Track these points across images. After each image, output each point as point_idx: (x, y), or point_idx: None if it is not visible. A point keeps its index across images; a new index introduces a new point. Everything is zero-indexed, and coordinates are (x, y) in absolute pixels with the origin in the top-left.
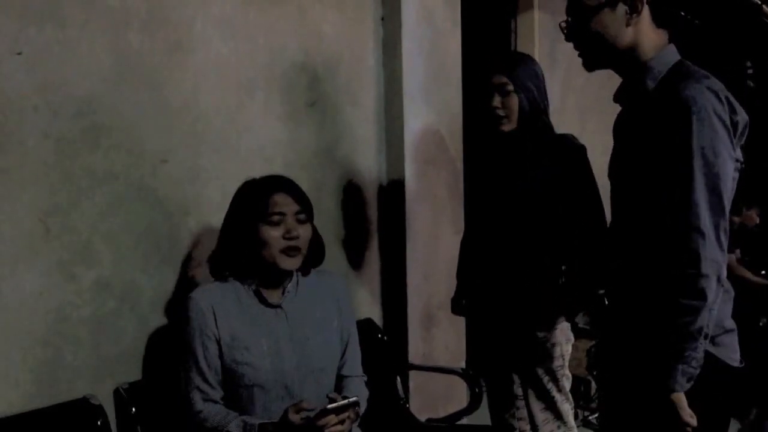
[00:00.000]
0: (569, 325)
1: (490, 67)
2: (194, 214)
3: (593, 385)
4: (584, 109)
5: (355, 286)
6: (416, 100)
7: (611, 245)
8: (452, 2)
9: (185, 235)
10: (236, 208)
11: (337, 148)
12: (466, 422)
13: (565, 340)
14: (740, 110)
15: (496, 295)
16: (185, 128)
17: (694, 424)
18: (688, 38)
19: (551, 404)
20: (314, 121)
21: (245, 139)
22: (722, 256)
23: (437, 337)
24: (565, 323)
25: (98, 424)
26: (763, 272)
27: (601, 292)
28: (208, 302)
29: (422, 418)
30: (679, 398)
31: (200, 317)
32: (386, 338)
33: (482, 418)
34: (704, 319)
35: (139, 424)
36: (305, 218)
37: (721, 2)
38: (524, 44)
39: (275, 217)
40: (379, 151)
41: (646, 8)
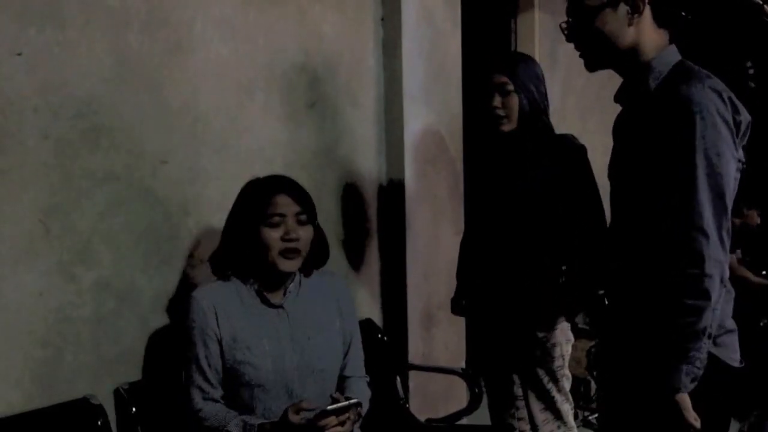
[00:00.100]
0: (569, 325)
1: (490, 66)
2: (194, 214)
3: (593, 385)
4: (585, 109)
5: (355, 286)
6: (416, 100)
7: (611, 245)
8: (452, 2)
9: (185, 235)
10: (238, 208)
11: (337, 148)
12: (465, 422)
13: (565, 340)
14: (743, 110)
15: (496, 295)
16: (185, 129)
17: (698, 426)
18: (688, 38)
19: (551, 404)
20: (314, 121)
21: (245, 139)
22: (725, 256)
23: (437, 337)
24: (565, 323)
25: (98, 424)
26: (763, 272)
27: (601, 292)
28: (209, 301)
29: (422, 418)
30: (683, 399)
31: (202, 316)
32: (386, 338)
33: (482, 418)
34: (708, 319)
35: (139, 424)
36: (306, 219)
37: (722, 2)
38: (524, 44)
39: (275, 218)
40: (379, 151)
41: (647, 8)
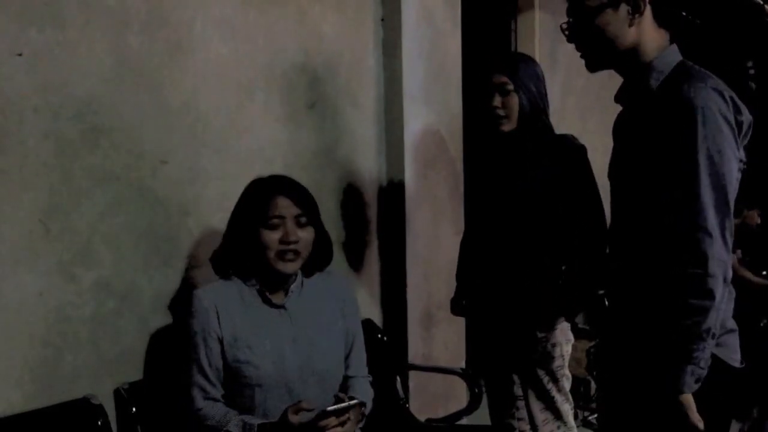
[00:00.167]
0: (569, 325)
1: (490, 66)
2: (194, 214)
3: (593, 385)
4: (585, 109)
5: (355, 286)
6: (416, 100)
7: (612, 245)
8: (452, 3)
9: (185, 235)
10: (240, 208)
11: (337, 148)
12: (465, 422)
13: (565, 340)
14: (744, 110)
15: (496, 295)
16: (185, 129)
17: (701, 427)
18: (689, 39)
19: (551, 404)
20: (314, 121)
21: (245, 139)
22: (728, 255)
23: (437, 337)
24: (565, 323)
25: (98, 424)
26: (764, 273)
27: (601, 292)
28: (211, 301)
29: (422, 418)
30: (687, 400)
31: (203, 315)
32: (386, 338)
33: (482, 418)
34: (712, 319)
35: (139, 424)
36: (306, 221)
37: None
38: (524, 45)
39: (274, 220)
40: (379, 151)
41: (648, 8)
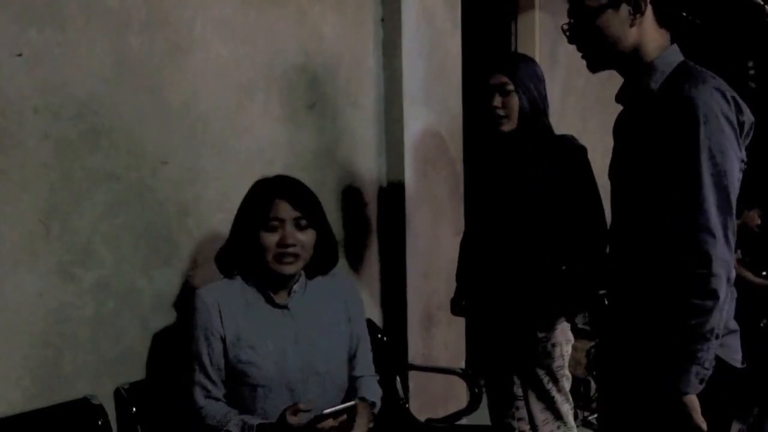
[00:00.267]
0: (569, 325)
1: (490, 66)
2: (194, 214)
3: (593, 385)
4: (585, 109)
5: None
6: (416, 101)
7: (612, 245)
8: (452, 3)
9: (185, 235)
10: (243, 208)
11: (337, 149)
12: (465, 422)
13: (565, 340)
14: (746, 110)
15: (496, 295)
16: (185, 129)
17: (705, 428)
18: (689, 39)
19: (551, 404)
20: (314, 122)
21: (245, 140)
22: (731, 255)
23: (437, 337)
24: (565, 324)
25: (99, 424)
26: (764, 273)
27: (601, 292)
28: (214, 300)
29: (422, 418)
30: (691, 400)
31: (206, 315)
32: (386, 338)
33: (482, 418)
34: (716, 319)
35: (139, 423)
36: (306, 224)
37: (723, 3)
38: (525, 45)
39: (273, 222)
40: (379, 152)
41: (649, 8)
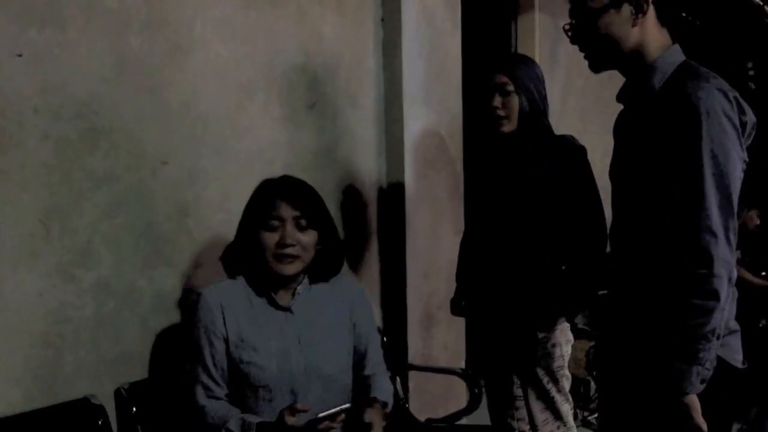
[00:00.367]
0: (569, 325)
1: (490, 67)
2: (194, 215)
3: (592, 385)
4: (584, 110)
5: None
6: (416, 101)
7: (613, 245)
8: (452, 3)
9: (185, 236)
10: (247, 208)
11: (337, 149)
12: (465, 422)
13: (565, 340)
14: (748, 110)
15: (496, 295)
16: (185, 130)
17: (705, 428)
18: (689, 39)
19: (551, 404)
20: (314, 122)
21: (245, 140)
22: (732, 256)
23: (437, 337)
24: (565, 324)
25: (99, 423)
26: (763, 273)
27: (601, 292)
28: (217, 300)
29: (422, 418)
30: (692, 401)
31: (209, 315)
32: (386, 338)
33: (482, 418)
34: (717, 319)
35: (139, 423)
36: (307, 224)
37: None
38: (524, 45)
39: (273, 222)
40: (379, 152)
41: (651, 8)
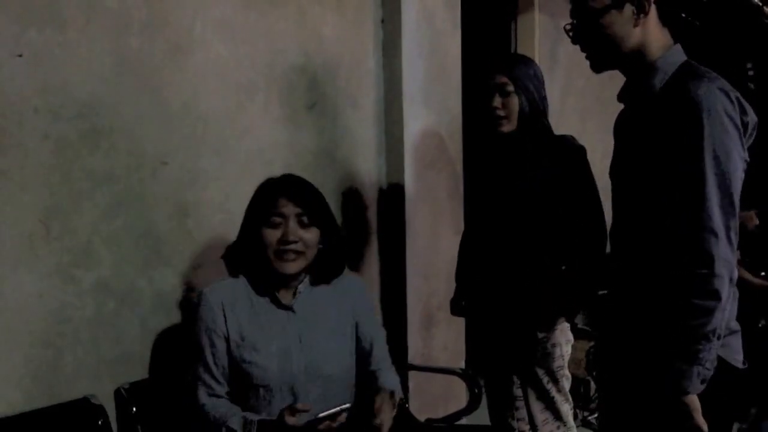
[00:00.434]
0: (569, 325)
1: (490, 67)
2: (194, 215)
3: (592, 385)
4: (584, 110)
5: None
6: (416, 101)
7: (614, 245)
8: (452, 4)
9: (185, 236)
10: (250, 207)
11: (336, 150)
12: (465, 422)
13: (564, 340)
14: (750, 111)
15: (496, 295)
16: (185, 130)
17: (705, 429)
18: (688, 39)
19: (551, 404)
20: (314, 123)
21: (245, 141)
22: (733, 256)
23: (437, 337)
24: (565, 324)
25: (99, 424)
26: (762, 273)
27: (601, 292)
28: (218, 299)
29: (421, 418)
30: (692, 401)
31: (210, 314)
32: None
33: (482, 418)
34: (718, 319)
35: (139, 424)
36: (309, 222)
37: (721, 4)
38: (524, 46)
39: (275, 219)
40: (378, 153)
41: (652, 8)
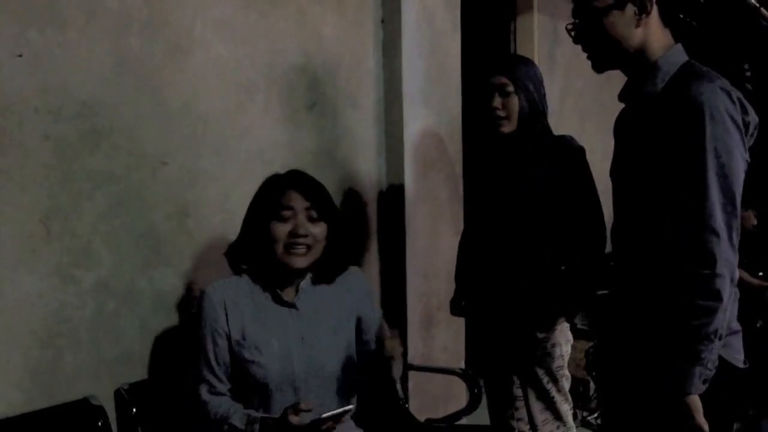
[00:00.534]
0: (569, 325)
1: (490, 68)
2: (194, 215)
3: (592, 385)
4: (583, 111)
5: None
6: (416, 102)
7: (615, 245)
8: (452, 4)
9: (185, 236)
10: (254, 203)
11: (336, 150)
12: (465, 422)
13: (564, 340)
14: (751, 111)
15: (495, 295)
16: (185, 130)
17: (707, 429)
18: (686, 40)
19: (551, 404)
20: (314, 123)
21: (245, 141)
22: (735, 256)
23: (436, 337)
24: (564, 324)
25: (99, 424)
26: (760, 273)
27: (600, 292)
28: (220, 298)
29: (421, 418)
30: (694, 401)
31: (212, 312)
32: None
33: (481, 418)
34: (719, 320)
35: (139, 424)
36: (318, 216)
37: (719, 4)
38: (523, 46)
39: (285, 212)
40: (378, 153)
41: (654, 8)
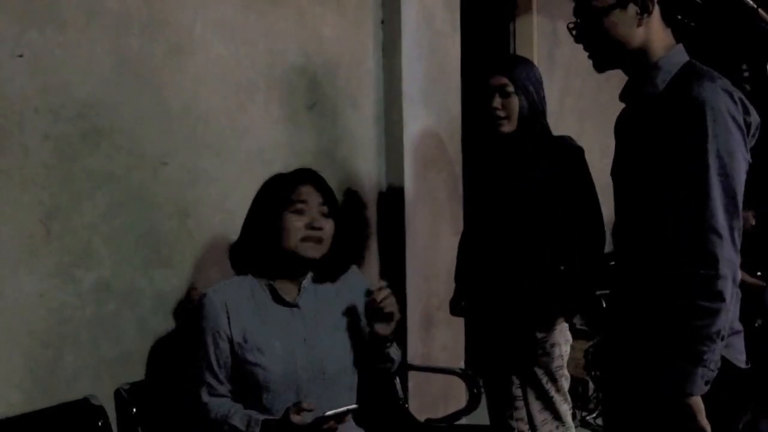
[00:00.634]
0: (568, 325)
1: (490, 68)
2: (194, 216)
3: (591, 385)
4: (582, 111)
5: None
6: (416, 102)
7: (616, 245)
8: (452, 5)
9: (185, 236)
10: (261, 198)
11: (336, 150)
12: (465, 422)
13: (563, 340)
14: (753, 111)
15: (495, 295)
16: (185, 130)
17: (708, 430)
18: (685, 41)
19: (550, 404)
20: (314, 123)
21: (245, 141)
22: (737, 256)
23: (436, 337)
24: (564, 324)
25: (99, 424)
26: (759, 273)
27: (599, 292)
28: (221, 300)
29: (421, 418)
30: (696, 402)
31: (213, 315)
32: None
33: (481, 418)
34: (722, 320)
35: (139, 424)
36: (328, 212)
37: (717, 5)
38: (523, 47)
39: (299, 205)
40: (378, 153)
41: (656, 8)
